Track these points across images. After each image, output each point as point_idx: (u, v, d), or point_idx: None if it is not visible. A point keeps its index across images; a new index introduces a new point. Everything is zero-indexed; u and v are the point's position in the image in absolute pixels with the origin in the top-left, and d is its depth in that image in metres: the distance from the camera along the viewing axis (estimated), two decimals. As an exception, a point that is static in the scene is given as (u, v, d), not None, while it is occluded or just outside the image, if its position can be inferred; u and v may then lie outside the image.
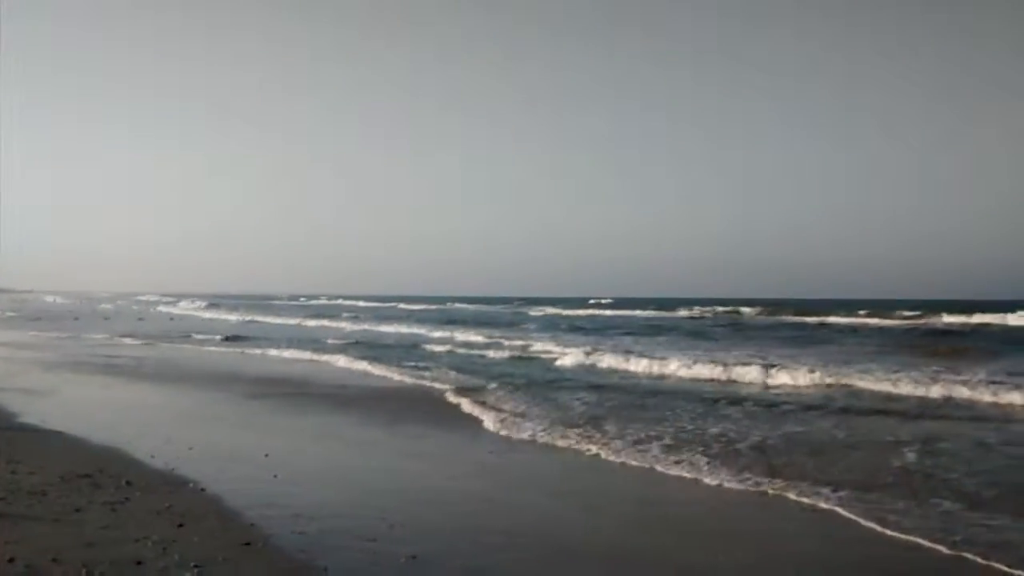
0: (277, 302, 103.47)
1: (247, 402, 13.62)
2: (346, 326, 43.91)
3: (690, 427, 11.04)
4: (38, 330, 36.02)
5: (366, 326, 43.88)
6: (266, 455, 8.83)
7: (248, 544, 5.51)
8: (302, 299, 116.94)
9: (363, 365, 19.93)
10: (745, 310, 59.01)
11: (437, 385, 15.82)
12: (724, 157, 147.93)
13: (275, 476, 7.82)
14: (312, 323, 47.77)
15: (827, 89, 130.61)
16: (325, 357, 22.31)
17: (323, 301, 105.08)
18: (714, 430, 10.77)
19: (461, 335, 32.91)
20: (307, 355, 23.17)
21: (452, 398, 14.12)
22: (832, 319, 47.21)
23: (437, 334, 34.07)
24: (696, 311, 60.13)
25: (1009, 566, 5.43)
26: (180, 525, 5.85)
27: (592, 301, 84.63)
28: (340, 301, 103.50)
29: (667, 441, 9.94)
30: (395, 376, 17.77)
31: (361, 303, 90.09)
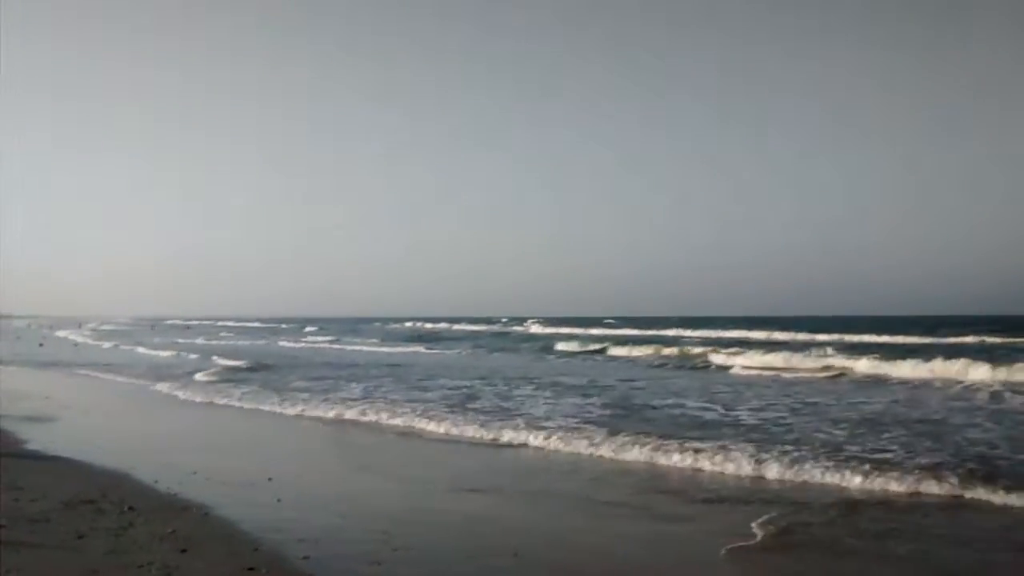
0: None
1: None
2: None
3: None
4: None
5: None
6: (270, 479, 8.78)
7: (252, 569, 5.45)
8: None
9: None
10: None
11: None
12: (720, 162, 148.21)
13: (279, 500, 7.76)
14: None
15: (825, 91, 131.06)
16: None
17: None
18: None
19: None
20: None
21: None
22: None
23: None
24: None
25: None
26: (184, 550, 5.79)
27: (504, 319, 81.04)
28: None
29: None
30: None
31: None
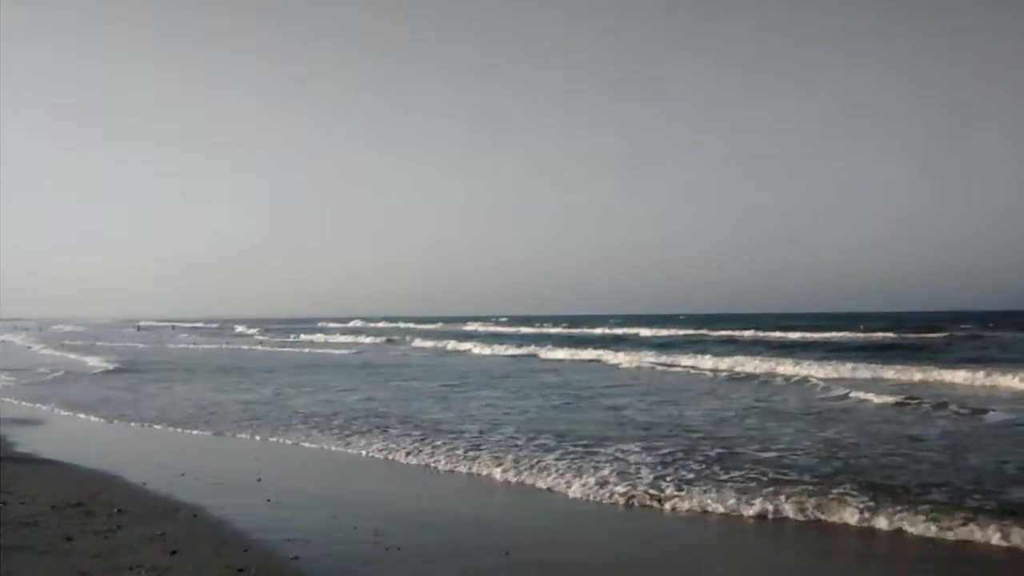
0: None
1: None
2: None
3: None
4: None
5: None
6: (259, 479, 8.77)
7: (242, 570, 5.44)
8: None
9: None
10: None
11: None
12: (722, 162, 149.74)
13: (268, 500, 7.76)
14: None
15: (826, 92, 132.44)
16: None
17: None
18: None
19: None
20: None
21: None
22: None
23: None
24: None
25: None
26: (173, 552, 5.79)
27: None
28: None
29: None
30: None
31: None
